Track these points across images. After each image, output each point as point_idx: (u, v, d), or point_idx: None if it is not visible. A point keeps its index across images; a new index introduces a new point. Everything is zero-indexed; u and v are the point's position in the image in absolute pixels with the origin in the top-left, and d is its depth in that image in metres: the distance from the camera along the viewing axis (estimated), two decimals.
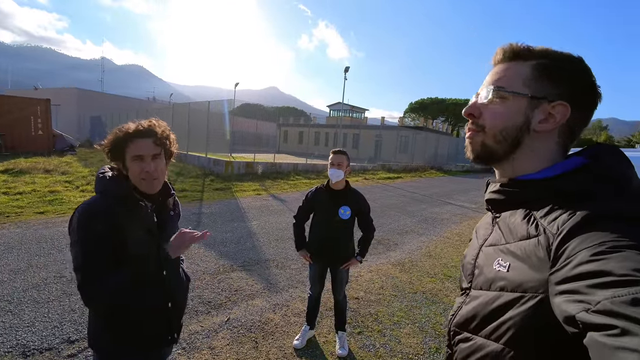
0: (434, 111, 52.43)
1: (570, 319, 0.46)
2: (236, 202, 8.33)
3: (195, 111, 15.81)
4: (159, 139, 1.29)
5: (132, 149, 1.24)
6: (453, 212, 9.21)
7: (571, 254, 0.51)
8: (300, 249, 2.77)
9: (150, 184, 1.28)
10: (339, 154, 2.54)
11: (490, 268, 0.68)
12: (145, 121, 1.32)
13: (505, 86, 0.69)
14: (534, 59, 0.68)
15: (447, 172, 25.19)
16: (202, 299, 3.41)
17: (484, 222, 0.83)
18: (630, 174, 0.61)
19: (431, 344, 2.95)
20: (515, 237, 0.65)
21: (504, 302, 0.62)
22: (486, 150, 0.72)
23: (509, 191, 0.71)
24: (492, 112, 0.70)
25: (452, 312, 0.80)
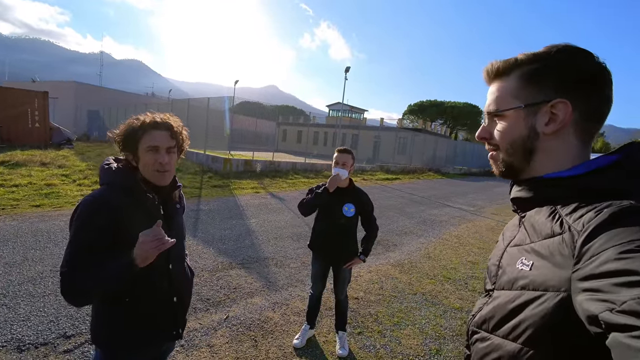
0: (433, 113, 52.57)
1: (593, 318, 0.45)
2: (234, 199, 8.29)
3: (195, 108, 15.73)
4: (174, 133, 1.29)
5: (147, 139, 1.23)
6: (451, 215, 9.22)
7: (597, 251, 0.49)
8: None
9: (162, 176, 1.27)
10: (345, 152, 2.53)
11: (514, 267, 0.67)
12: (161, 114, 1.31)
13: (497, 107, 0.72)
14: (516, 70, 0.69)
15: (445, 174, 25.24)
16: (200, 296, 3.37)
17: (511, 224, 0.81)
18: None
19: (431, 346, 2.93)
20: (540, 235, 0.63)
21: (524, 300, 0.60)
22: (506, 165, 0.74)
23: (535, 188, 0.70)
24: (497, 131, 0.74)
25: (473, 313, 0.79)
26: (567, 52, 0.65)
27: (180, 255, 1.38)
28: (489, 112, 0.74)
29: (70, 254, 1.13)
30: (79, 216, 1.15)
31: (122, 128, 1.26)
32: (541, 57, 0.66)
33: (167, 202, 1.36)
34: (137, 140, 1.23)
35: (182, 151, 1.38)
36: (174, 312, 1.36)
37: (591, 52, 0.64)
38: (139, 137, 1.23)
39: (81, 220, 1.14)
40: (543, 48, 0.67)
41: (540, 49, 0.68)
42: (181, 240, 1.44)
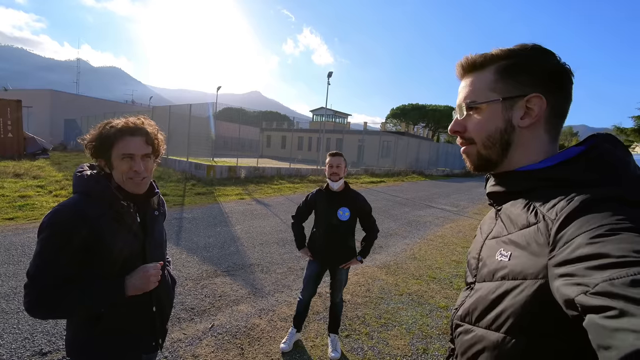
0: (415, 117, 53.49)
1: (569, 302, 0.46)
2: (219, 206, 8.17)
3: (176, 114, 15.49)
4: (150, 138, 1.24)
5: (121, 146, 1.17)
6: (435, 215, 9.36)
7: (570, 237, 0.51)
8: (301, 248, 2.76)
9: (137, 184, 1.22)
10: (337, 156, 2.58)
11: (493, 259, 0.68)
12: (134, 118, 1.25)
13: (475, 99, 0.72)
14: (492, 64, 0.71)
15: (429, 176, 25.66)
16: (184, 305, 3.29)
17: (488, 218, 0.83)
18: (627, 160, 0.62)
19: (418, 345, 2.95)
20: (516, 226, 0.65)
21: (504, 290, 0.61)
22: (482, 158, 0.75)
23: (508, 182, 0.72)
24: (473, 124, 0.73)
25: (456, 306, 0.80)
26: (540, 51, 0.68)
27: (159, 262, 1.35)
28: (467, 103, 0.73)
29: (38, 267, 1.07)
30: (49, 226, 1.09)
31: (94, 133, 1.20)
32: (517, 53, 0.69)
33: (145, 210, 1.32)
34: (110, 147, 1.18)
35: (158, 156, 1.33)
36: (153, 322, 1.32)
37: (555, 53, 0.68)
38: (112, 144, 1.17)
39: (50, 231, 1.08)
40: (517, 45, 0.70)
41: (515, 46, 0.70)
42: (161, 247, 1.40)
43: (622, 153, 0.63)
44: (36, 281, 1.07)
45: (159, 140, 1.31)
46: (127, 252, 1.20)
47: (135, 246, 1.24)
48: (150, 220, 1.32)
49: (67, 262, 1.10)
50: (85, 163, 1.30)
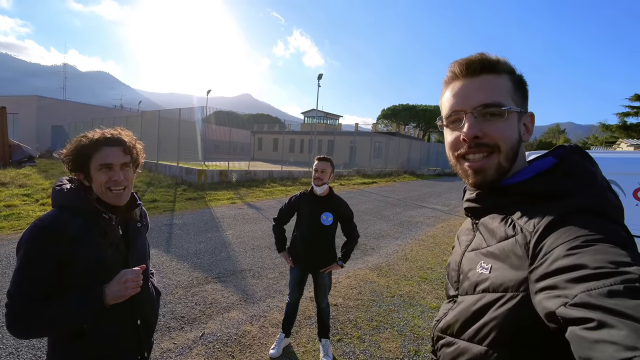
0: (406, 117, 53.87)
1: (551, 315, 0.47)
2: (210, 211, 8.11)
3: (166, 119, 15.35)
4: (127, 148, 1.22)
5: (98, 157, 1.16)
6: (427, 215, 9.43)
7: (548, 250, 0.52)
8: (281, 251, 2.74)
9: (118, 195, 1.20)
10: (324, 160, 2.59)
11: (474, 272, 0.68)
12: (111, 129, 1.24)
13: (503, 102, 0.66)
14: (506, 72, 0.69)
15: (420, 176, 25.85)
16: (174, 314, 3.25)
17: (465, 228, 0.83)
18: (594, 170, 0.64)
19: (410, 347, 2.96)
20: (495, 238, 0.66)
21: (485, 302, 0.62)
22: (500, 171, 0.68)
23: (485, 198, 0.73)
24: (499, 129, 0.67)
25: (437, 318, 0.80)
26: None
27: (143, 274, 1.33)
28: (495, 105, 0.66)
29: (16, 284, 1.05)
30: (27, 242, 1.07)
31: (70, 147, 1.19)
32: (515, 69, 0.71)
33: (127, 222, 1.30)
34: (87, 159, 1.16)
35: (138, 166, 1.31)
36: (138, 335, 1.30)
37: None
38: (89, 156, 1.16)
39: (30, 246, 1.06)
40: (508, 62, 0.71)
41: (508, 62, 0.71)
42: (144, 259, 1.38)
43: (589, 164, 0.65)
44: (15, 299, 1.05)
45: (138, 149, 1.29)
46: (110, 266, 1.18)
47: (117, 259, 1.22)
48: (132, 232, 1.31)
49: (46, 278, 1.08)
50: (64, 177, 1.28)
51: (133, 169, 1.28)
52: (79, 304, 1.09)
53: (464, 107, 0.69)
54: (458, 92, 0.70)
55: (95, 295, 1.11)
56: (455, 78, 0.72)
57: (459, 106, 0.69)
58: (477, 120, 0.67)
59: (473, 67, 0.69)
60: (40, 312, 1.06)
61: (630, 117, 24.76)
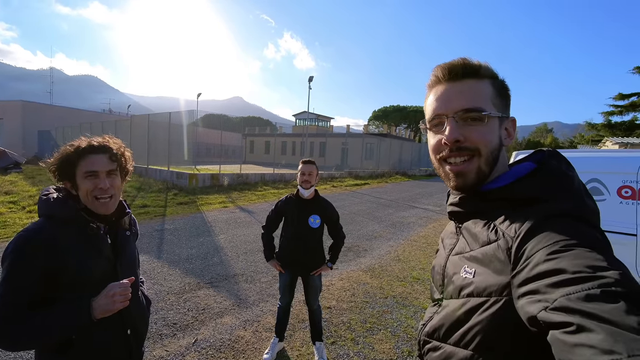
0: (397, 118, 54.29)
1: (533, 319, 0.48)
2: (201, 215, 8.05)
3: (156, 123, 15.19)
4: (114, 155, 1.21)
5: (84, 165, 1.15)
6: (419, 216, 9.49)
7: (529, 254, 0.53)
8: (270, 259, 2.73)
9: (104, 204, 1.18)
10: (310, 163, 2.60)
11: (458, 276, 0.69)
12: (99, 137, 1.24)
13: (483, 107, 0.68)
14: (487, 77, 0.70)
15: (412, 176, 26.05)
16: (166, 321, 3.22)
17: (448, 232, 0.84)
18: (571, 174, 0.65)
19: (404, 348, 2.98)
20: (478, 243, 0.67)
21: (470, 307, 0.62)
22: (480, 175, 0.70)
23: (468, 202, 0.74)
24: (478, 133, 0.68)
25: (423, 322, 0.80)
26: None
27: (133, 284, 1.31)
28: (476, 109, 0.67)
29: (3, 296, 1.03)
30: (13, 252, 1.05)
31: (56, 156, 1.18)
32: (498, 75, 0.72)
33: (116, 231, 1.28)
34: (73, 167, 1.15)
35: (126, 174, 1.30)
36: (128, 345, 1.28)
37: None
38: (75, 164, 1.15)
39: (15, 257, 1.04)
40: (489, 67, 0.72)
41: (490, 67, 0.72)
42: (134, 268, 1.37)
43: (566, 168, 0.66)
44: (2, 313, 1.02)
45: (126, 157, 1.28)
46: (98, 276, 1.17)
47: (106, 269, 1.20)
48: (121, 241, 1.29)
49: (32, 290, 1.06)
50: (51, 186, 1.26)
51: (121, 176, 1.26)
52: (66, 317, 1.07)
53: (446, 111, 0.70)
54: (440, 96, 0.71)
55: (83, 309, 1.10)
56: (438, 82, 0.73)
57: (441, 110, 0.71)
58: (459, 125, 0.68)
59: (455, 72, 0.70)
60: (26, 324, 1.03)
61: (615, 115, 25.36)
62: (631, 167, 3.13)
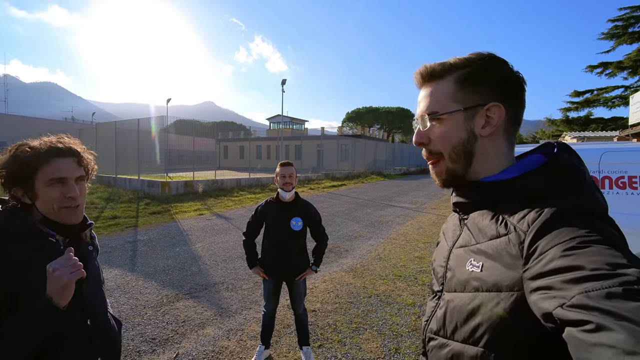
0: (370, 119, 55.08)
1: (547, 316, 0.46)
2: (176, 224, 7.78)
3: (123, 130, 14.57)
4: (81, 158, 1.10)
5: (48, 170, 1.02)
6: (396, 214, 9.65)
7: (543, 250, 0.52)
8: (253, 267, 2.65)
9: (73, 212, 1.07)
10: (289, 165, 2.57)
11: (463, 269, 0.67)
12: (55, 138, 1.10)
13: (437, 109, 0.70)
14: (452, 73, 0.70)
15: (387, 176, 26.48)
16: (144, 336, 3.06)
17: (451, 224, 0.82)
18: (583, 169, 0.64)
19: (390, 346, 2.99)
20: (485, 236, 0.65)
21: (479, 302, 0.61)
22: (450, 174, 0.73)
23: (475, 192, 0.72)
24: (437, 135, 0.71)
25: (426, 318, 0.77)
26: (496, 60, 0.69)
27: (99, 305, 1.17)
28: (430, 113, 0.71)
29: None
30: None
31: (4, 159, 1.02)
32: (475, 62, 0.69)
33: (77, 245, 1.13)
34: (32, 172, 1.01)
35: (89, 179, 1.18)
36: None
37: (508, 62, 0.71)
38: (35, 168, 1.01)
39: None
40: (472, 54, 0.70)
41: (471, 55, 0.70)
42: (99, 285, 1.23)
43: (578, 163, 0.65)
44: None
45: (91, 160, 1.17)
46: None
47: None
48: (84, 256, 1.14)
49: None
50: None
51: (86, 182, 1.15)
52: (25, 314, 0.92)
53: (416, 117, 0.76)
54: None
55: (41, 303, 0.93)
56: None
57: (415, 116, 0.77)
58: (424, 129, 0.73)
59: (420, 79, 0.74)
60: None
61: (572, 112, 26.93)
62: (593, 158, 3.33)
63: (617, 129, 22.51)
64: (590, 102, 26.21)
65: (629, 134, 15.60)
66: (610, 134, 19.04)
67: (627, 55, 23.21)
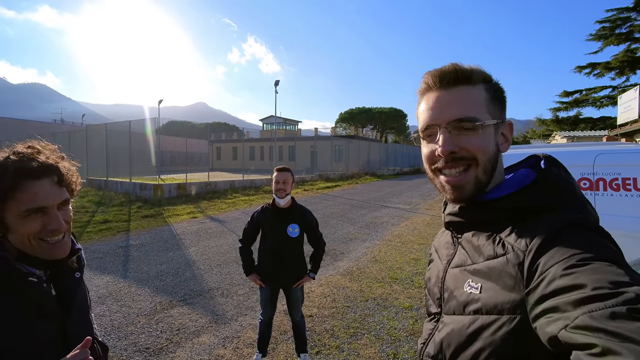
0: (363, 120, 55.27)
1: (553, 340, 0.45)
2: (169, 228, 7.67)
3: (114, 132, 14.37)
4: (62, 176, 0.86)
5: (22, 198, 0.79)
6: (391, 215, 9.66)
7: (544, 269, 0.50)
8: (249, 274, 2.60)
9: (57, 246, 0.85)
10: (284, 171, 2.51)
11: (462, 290, 0.65)
12: (22, 146, 0.85)
13: (477, 117, 0.65)
14: (480, 82, 0.67)
15: (380, 176, 26.55)
16: (137, 346, 2.99)
17: (444, 241, 0.79)
18: (572, 182, 0.64)
19: (388, 351, 2.97)
20: (482, 256, 0.63)
21: (480, 325, 0.59)
22: (478, 186, 0.66)
23: (468, 212, 0.70)
24: (474, 144, 0.65)
25: (423, 341, 0.75)
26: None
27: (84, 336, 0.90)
28: (469, 119, 0.64)
29: None
30: None
31: None
32: (492, 79, 0.69)
33: (62, 275, 0.92)
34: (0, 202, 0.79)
35: (73, 195, 0.95)
36: None
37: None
38: (3, 198, 0.78)
39: None
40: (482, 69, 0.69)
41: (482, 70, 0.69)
42: (87, 318, 1.04)
43: (566, 175, 0.65)
44: None
45: (73, 174, 0.93)
46: (42, 346, 0.84)
47: (52, 332, 0.88)
48: (70, 288, 0.93)
49: None
50: None
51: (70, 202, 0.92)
52: None
53: (438, 122, 0.67)
54: (433, 105, 0.68)
55: None
56: (429, 89, 0.70)
57: (434, 120, 0.67)
58: (452, 135, 0.65)
59: (447, 79, 0.67)
60: None
61: (562, 111, 27.33)
62: (587, 160, 3.35)
63: (605, 128, 22.92)
64: (579, 102, 26.63)
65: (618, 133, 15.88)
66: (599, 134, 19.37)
67: (614, 56, 23.67)
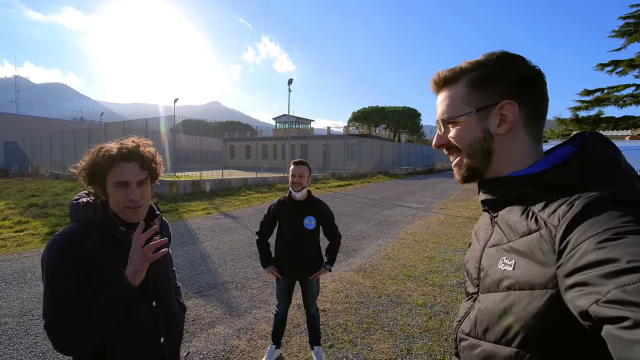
0: (376, 119, 54.92)
1: (584, 314, 0.44)
2: (184, 223, 7.81)
3: (131, 130, 14.69)
4: (145, 162, 1.18)
5: (115, 174, 1.12)
6: (404, 214, 9.58)
7: (576, 243, 0.50)
8: (267, 266, 2.63)
9: (134, 213, 1.16)
10: (301, 164, 2.52)
11: (496, 268, 0.65)
12: (129, 141, 1.21)
13: (450, 114, 0.73)
14: (463, 77, 0.71)
15: (393, 175, 26.36)
16: None
17: (483, 224, 0.80)
18: (618, 158, 0.61)
19: (402, 347, 2.95)
20: (517, 233, 0.63)
21: (511, 301, 0.59)
22: (469, 168, 0.74)
23: (503, 188, 0.70)
24: (453, 135, 0.74)
25: (459, 319, 0.76)
26: (507, 58, 0.68)
27: (164, 290, 1.27)
28: (443, 119, 0.74)
29: (50, 301, 1.04)
30: (50, 257, 1.05)
31: (87, 160, 1.15)
32: (484, 64, 0.69)
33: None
34: (104, 174, 1.12)
35: (156, 178, 1.28)
36: (162, 353, 1.24)
37: (524, 57, 0.68)
38: (105, 171, 1.12)
39: (53, 262, 1.05)
40: (483, 55, 0.70)
41: (482, 57, 0.70)
42: (167, 271, 1.33)
43: (613, 152, 0.62)
44: (49, 319, 1.03)
45: (157, 162, 1.26)
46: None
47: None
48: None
49: (72, 294, 1.06)
50: (82, 191, 1.25)
51: (151, 182, 1.23)
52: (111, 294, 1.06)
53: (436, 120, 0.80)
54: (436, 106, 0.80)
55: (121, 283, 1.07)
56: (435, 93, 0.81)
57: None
58: (445, 130, 0.76)
59: (434, 86, 0.78)
60: (77, 324, 1.02)
61: (582, 110, 26.51)
62: None
63: (628, 128, 22.12)
64: (600, 100, 25.79)
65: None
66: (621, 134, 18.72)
67: (638, 53, 22.80)
